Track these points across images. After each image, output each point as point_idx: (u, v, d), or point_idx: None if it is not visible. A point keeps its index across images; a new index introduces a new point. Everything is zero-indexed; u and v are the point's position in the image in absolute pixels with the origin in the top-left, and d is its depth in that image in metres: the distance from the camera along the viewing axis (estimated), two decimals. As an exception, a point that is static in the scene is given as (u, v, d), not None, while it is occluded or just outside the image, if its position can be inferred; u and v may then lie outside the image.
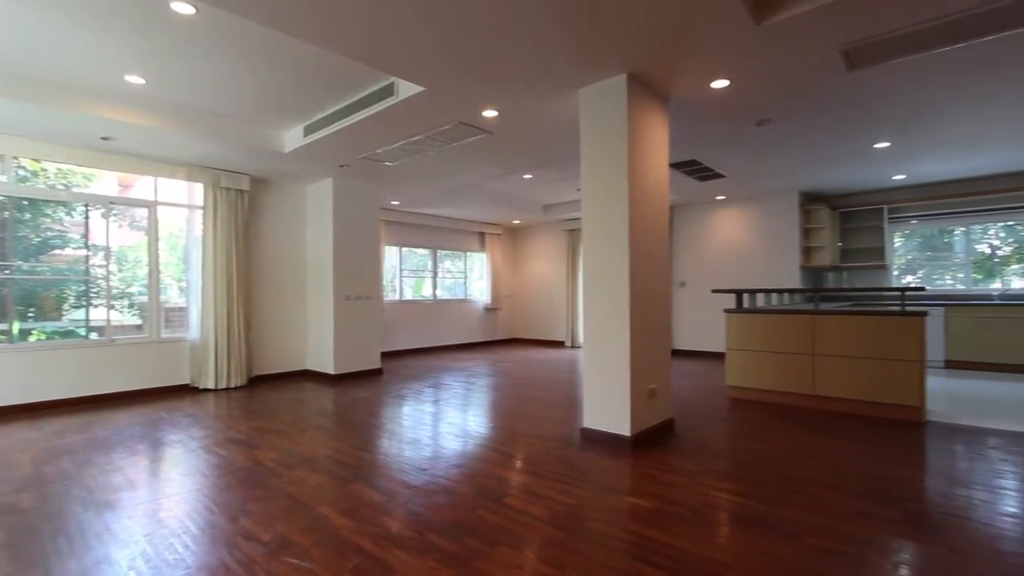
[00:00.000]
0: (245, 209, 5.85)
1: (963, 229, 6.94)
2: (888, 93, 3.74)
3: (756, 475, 2.85)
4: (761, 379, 4.65)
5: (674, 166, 5.74)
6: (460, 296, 9.88)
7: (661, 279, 3.75)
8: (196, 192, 5.59)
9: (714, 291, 5.21)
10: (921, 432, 3.65)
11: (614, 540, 2.12)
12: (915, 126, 4.49)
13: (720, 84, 3.51)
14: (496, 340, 10.36)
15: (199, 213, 5.59)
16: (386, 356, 8.13)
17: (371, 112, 4.04)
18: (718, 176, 6.28)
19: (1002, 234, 6.77)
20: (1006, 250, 6.76)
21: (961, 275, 6.96)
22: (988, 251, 6.87)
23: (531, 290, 10.47)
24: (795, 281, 7.17)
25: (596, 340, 3.54)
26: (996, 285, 6.74)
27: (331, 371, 6.11)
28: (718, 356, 7.64)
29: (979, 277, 6.86)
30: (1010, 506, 2.42)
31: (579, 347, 9.19)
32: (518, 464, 3.09)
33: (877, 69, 3.32)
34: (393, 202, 7.77)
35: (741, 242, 7.77)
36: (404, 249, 8.90)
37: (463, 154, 5.17)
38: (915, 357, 3.91)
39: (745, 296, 5.10)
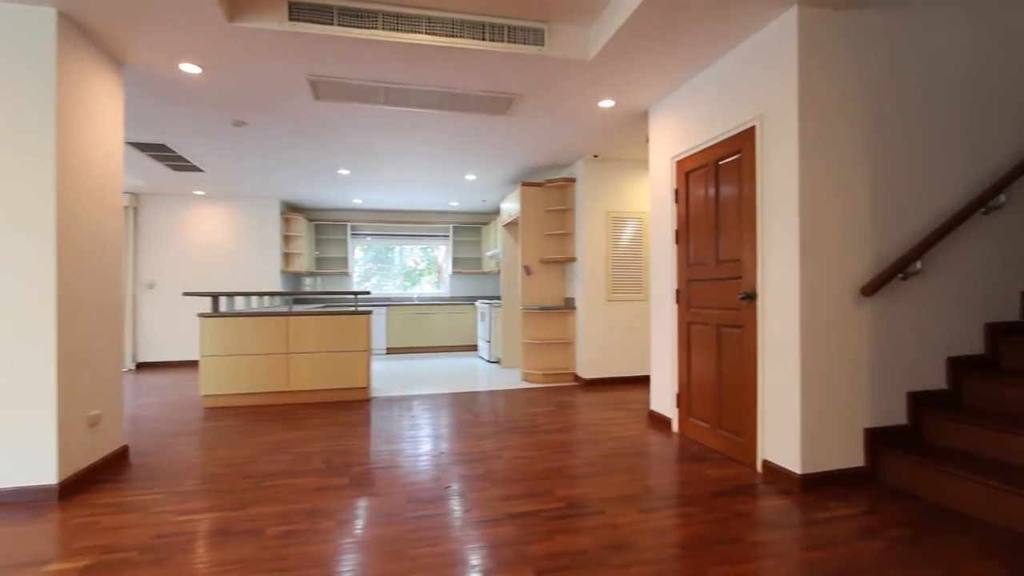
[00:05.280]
0: None
1: (399, 247, 9.16)
2: (348, 129, 4.47)
3: (226, 484, 2.76)
4: (238, 384, 4.57)
5: (136, 145, 4.86)
6: None
7: (111, 278, 3.08)
8: None
9: (185, 294, 4.73)
10: (368, 407, 4.54)
11: (14, 633, 1.56)
12: (365, 161, 5.57)
13: (191, 69, 3.23)
14: None
15: None
16: None
17: None
18: (196, 169, 5.77)
19: (420, 254, 9.39)
20: (422, 265, 9.42)
21: (398, 282, 9.16)
22: (413, 265, 9.37)
23: None
24: (276, 284, 7.47)
25: (-4, 363, 2.52)
26: (417, 290, 9.25)
27: None
28: (194, 364, 7.00)
29: (408, 284, 9.24)
30: (421, 450, 3.35)
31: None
32: None
33: (340, 106, 3.91)
34: None
35: (223, 243, 7.39)
36: None
37: None
38: (363, 347, 4.82)
39: (223, 299, 4.89)
